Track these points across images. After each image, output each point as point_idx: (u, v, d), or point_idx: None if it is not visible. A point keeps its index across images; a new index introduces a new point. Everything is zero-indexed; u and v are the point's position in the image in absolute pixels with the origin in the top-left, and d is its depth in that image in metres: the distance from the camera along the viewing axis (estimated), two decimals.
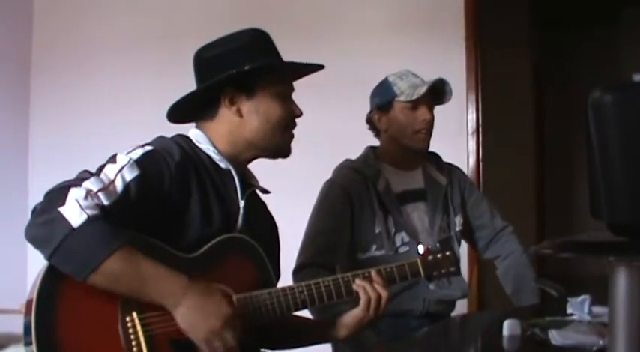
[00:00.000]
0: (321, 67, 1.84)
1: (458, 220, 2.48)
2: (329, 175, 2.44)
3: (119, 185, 1.52)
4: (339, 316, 2.07)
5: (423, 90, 2.33)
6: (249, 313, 1.61)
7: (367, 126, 2.49)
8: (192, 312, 1.50)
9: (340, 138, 3.49)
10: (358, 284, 1.72)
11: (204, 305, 1.51)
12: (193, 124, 1.82)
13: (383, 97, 2.40)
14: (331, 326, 1.79)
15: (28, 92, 4.29)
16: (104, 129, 4.05)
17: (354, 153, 2.50)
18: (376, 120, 2.43)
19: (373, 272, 1.75)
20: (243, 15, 3.84)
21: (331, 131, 3.66)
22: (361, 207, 2.32)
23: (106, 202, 1.49)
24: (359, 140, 2.53)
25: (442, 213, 2.43)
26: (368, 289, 1.71)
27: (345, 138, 2.53)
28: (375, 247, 2.31)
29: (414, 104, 2.35)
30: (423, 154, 2.47)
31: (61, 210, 1.43)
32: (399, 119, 2.37)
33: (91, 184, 1.50)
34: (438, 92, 2.40)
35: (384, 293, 1.72)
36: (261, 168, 1.89)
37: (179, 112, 1.81)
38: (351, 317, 1.75)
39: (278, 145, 1.79)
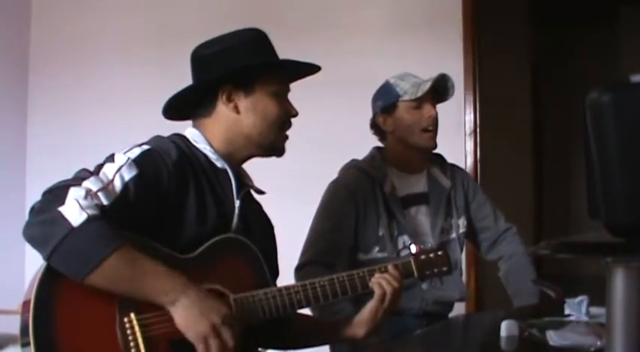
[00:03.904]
0: (317, 68, 1.85)
1: (461, 222, 2.48)
2: (327, 175, 2.43)
3: (118, 184, 1.52)
4: (338, 315, 2.07)
5: (427, 86, 2.34)
6: (246, 313, 1.61)
7: (372, 130, 2.49)
8: (190, 309, 1.49)
9: (338, 138, 3.49)
10: (374, 280, 1.75)
11: (202, 303, 1.50)
12: (189, 123, 1.82)
13: (386, 99, 2.40)
14: (347, 325, 1.80)
15: (26, 91, 4.29)
16: (102, 128, 4.06)
17: (356, 154, 2.50)
18: (381, 122, 2.43)
19: (390, 267, 1.78)
20: (242, 14, 3.84)
21: (329, 131, 3.66)
22: (366, 209, 2.32)
23: (105, 202, 1.49)
24: (360, 140, 2.53)
25: (444, 216, 2.43)
26: (383, 283, 1.74)
27: (347, 138, 2.53)
28: (377, 249, 2.32)
29: (419, 102, 2.36)
30: (430, 154, 2.47)
31: (61, 209, 1.43)
32: (404, 119, 2.37)
33: (90, 184, 1.50)
34: (439, 89, 2.40)
35: (397, 286, 1.75)
36: (259, 168, 1.89)
37: (175, 109, 1.81)
38: (366, 312, 1.77)
39: (274, 142, 1.79)
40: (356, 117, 2.56)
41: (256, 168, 1.89)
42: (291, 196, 3.17)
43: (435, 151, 2.50)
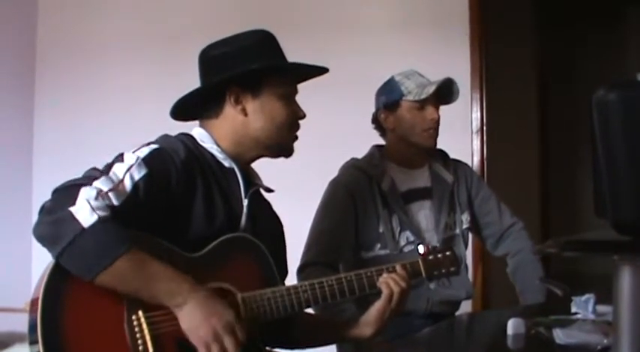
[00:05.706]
0: (325, 70, 1.85)
1: (465, 217, 2.47)
2: (331, 174, 2.44)
3: (128, 184, 1.53)
4: (341, 315, 2.07)
5: (431, 89, 2.33)
6: (254, 312, 1.61)
7: (373, 125, 2.48)
8: (194, 313, 1.50)
9: (345, 137, 3.49)
10: (382, 280, 1.75)
11: (206, 307, 1.51)
12: (196, 123, 1.82)
13: (390, 97, 2.39)
14: (354, 325, 1.80)
15: (32, 90, 4.29)
16: (108, 126, 4.06)
17: (359, 152, 2.50)
18: (382, 119, 2.43)
19: (398, 267, 1.78)
20: (248, 14, 3.84)
21: (335, 130, 3.66)
22: (364, 207, 2.32)
23: (116, 202, 1.49)
24: (363, 139, 2.52)
25: (448, 211, 2.43)
26: (391, 283, 1.74)
27: (350, 137, 2.53)
28: (378, 246, 2.32)
29: (422, 104, 2.35)
30: (431, 152, 2.47)
31: (72, 209, 1.43)
32: (406, 118, 2.37)
33: (101, 184, 1.50)
34: (443, 91, 2.39)
35: (405, 287, 1.75)
36: (265, 167, 1.89)
37: (183, 110, 1.82)
38: (374, 312, 1.77)
39: (283, 143, 1.80)
40: (362, 116, 2.56)
41: (262, 167, 1.89)
42: (292, 195, 3.17)
43: (439, 147, 2.49)
